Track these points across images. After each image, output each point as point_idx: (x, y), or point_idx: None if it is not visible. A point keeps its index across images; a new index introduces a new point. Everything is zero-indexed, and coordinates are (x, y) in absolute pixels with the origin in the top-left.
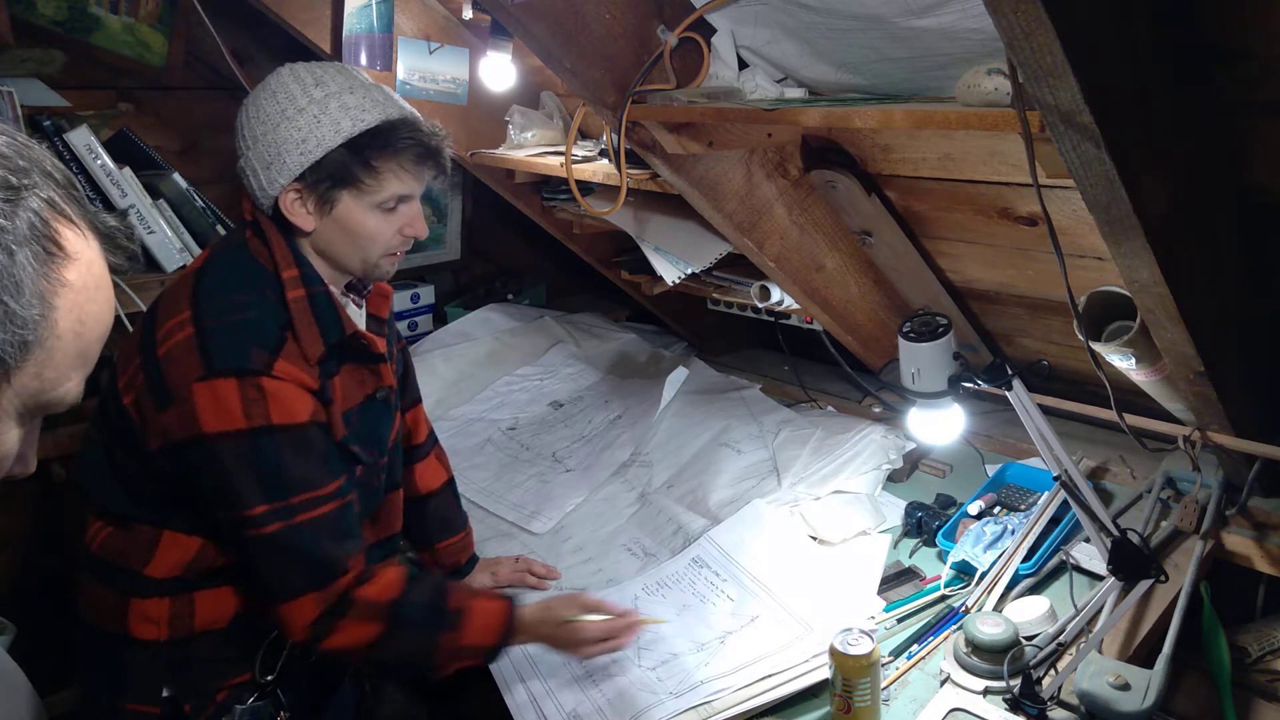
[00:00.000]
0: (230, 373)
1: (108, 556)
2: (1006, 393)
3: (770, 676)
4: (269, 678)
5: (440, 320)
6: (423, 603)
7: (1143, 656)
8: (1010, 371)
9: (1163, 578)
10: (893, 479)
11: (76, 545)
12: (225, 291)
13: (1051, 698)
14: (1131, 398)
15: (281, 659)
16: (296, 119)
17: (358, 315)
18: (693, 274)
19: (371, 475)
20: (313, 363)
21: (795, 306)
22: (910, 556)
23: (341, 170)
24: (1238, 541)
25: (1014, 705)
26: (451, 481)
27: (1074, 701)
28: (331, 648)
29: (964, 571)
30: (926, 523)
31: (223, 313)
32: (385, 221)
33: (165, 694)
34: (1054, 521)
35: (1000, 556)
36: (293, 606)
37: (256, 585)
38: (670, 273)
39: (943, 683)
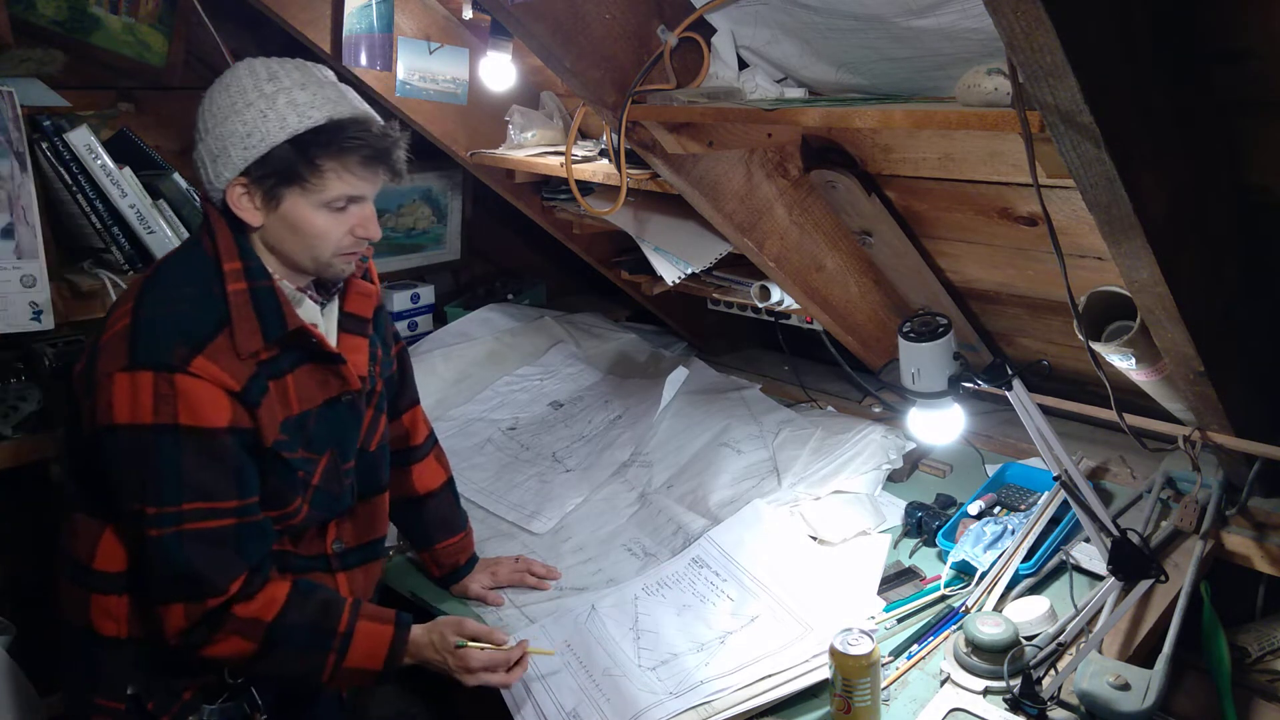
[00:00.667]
0: (148, 366)
1: (68, 549)
2: (1006, 393)
3: (770, 676)
4: (239, 680)
5: (440, 320)
6: (304, 623)
7: (1143, 656)
8: (1010, 371)
9: (1163, 578)
10: (893, 479)
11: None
12: (170, 284)
13: (1051, 698)
14: (1131, 398)
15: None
16: (244, 113)
17: (313, 312)
18: (693, 274)
19: (332, 481)
20: (245, 358)
21: (795, 306)
22: (910, 556)
23: (286, 167)
24: (1238, 541)
25: (1014, 705)
26: (451, 482)
27: (1074, 701)
28: (210, 657)
29: (964, 571)
30: (926, 523)
31: (160, 305)
32: (334, 221)
33: (130, 691)
34: (1054, 521)
35: (1000, 556)
36: (164, 611)
37: (144, 580)
38: (670, 273)
39: (943, 683)
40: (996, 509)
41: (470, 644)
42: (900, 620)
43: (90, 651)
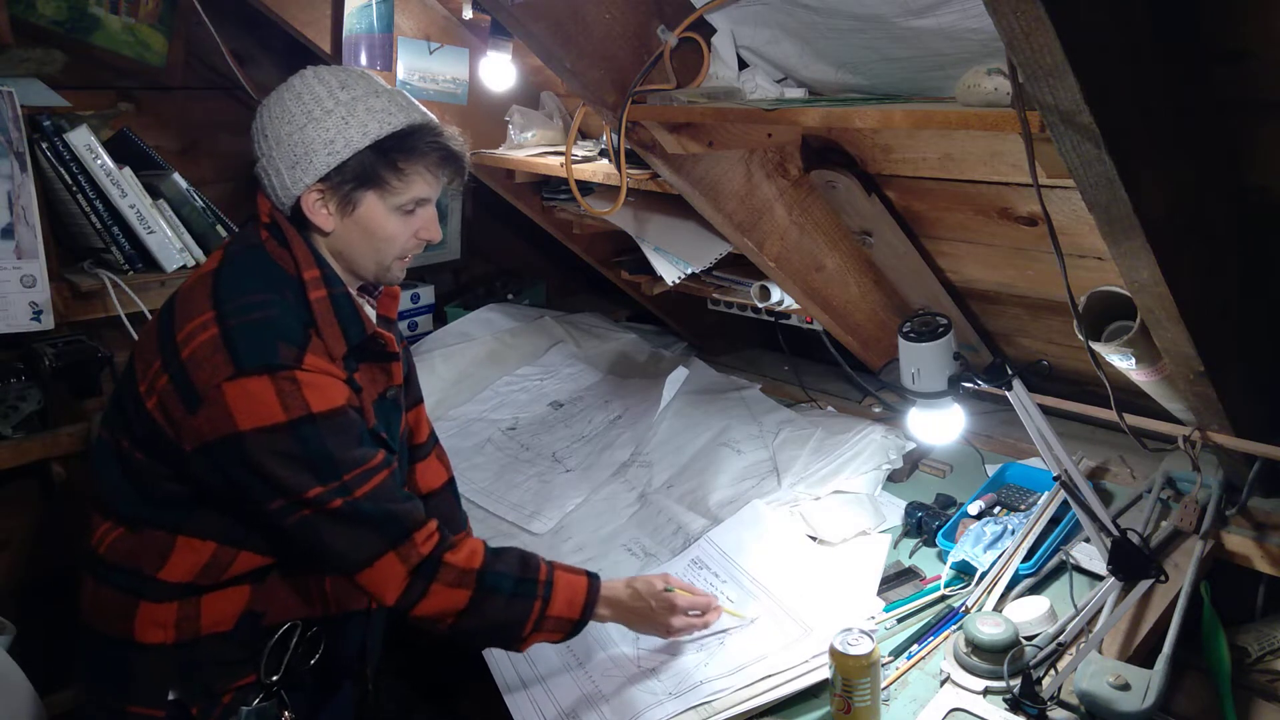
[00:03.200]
0: (260, 370)
1: (118, 560)
2: (1006, 393)
3: (770, 677)
4: (274, 678)
5: (440, 320)
6: (510, 571)
7: (1143, 656)
8: (1010, 371)
9: (1163, 578)
10: (893, 479)
11: (80, 547)
12: (245, 291)
13: (1051, 698)
14: (1131, 398)
15: (286, 659)
16: (324, 120)
17: (371, 315)
18: (693, 274)
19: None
20: (336, 360)
21: (795, 306)
22: (910, 556)
23: (367, 171)
24: (1238, 541)
25: (1014, 705)
26: (452, 481)
27: (1074, 701)
28: (422, 614)
29: (964, 571)
30: (926, 523)
31: (245, 311)
32: (403, 224)
33: (171, 697)
34: (1054, 521)
35: (1000, 556)
36: (375, 572)
37: (331, 564)
38: (670, 273)
39: (943, 683)
40: (996, 509)
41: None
42: (900, 620)
43: (124, 659)
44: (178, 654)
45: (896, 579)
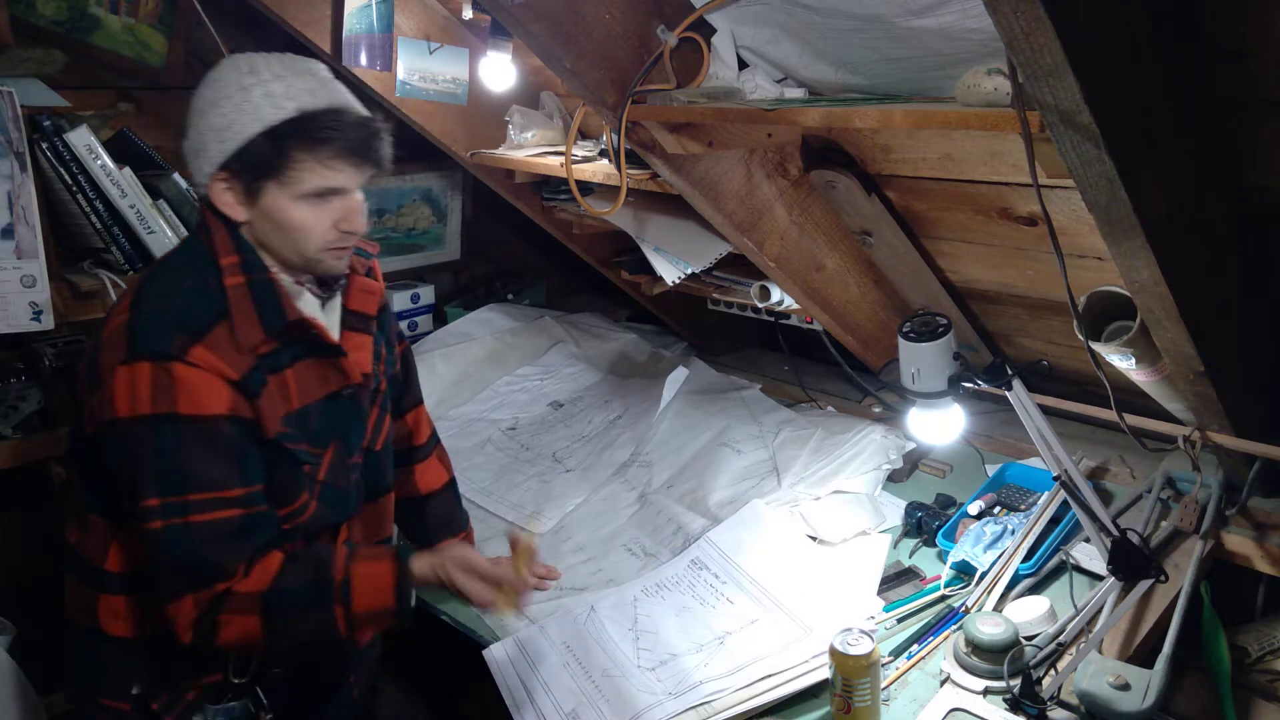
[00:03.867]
0: (147, 356)
1: (78, 549)
2: (1006, 393)
3: (770, 677)
4: (242, 679)
5: (440, 320)
6: (300, 583)
7: (1143, 656)
8: (1010, 371)
9: (1163, 578)
10: (893, 479)
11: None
12: (168, 279)
13: (1051, 698)
14: (1131, 398)
15: (254, 660)
16: (222, 105)
17: (313, 306)
18: (693, 274)
19: (339, 476)
20: (245, 351)
21: (795, 306)
22: (910, 556)
23: (261, 160)
24: (1238, 541)
25: (1014, 705)
26: (452, 482)
27: (1074, 701)
28: (224, 645)
29: (964, 571)
30: (926, 523)
31: (157, 298)
32: (315, 214)
33: (135, 691)
34: (1054, 521)
35: (1000, 556)
36: (174, 608)
37: (149, 581)
38: (670, 273)
39: (943, 683)
40: (996, 509)
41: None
42: (900, 620)
43: (96, 652)
44: (140, 648)
45: (896, 579)
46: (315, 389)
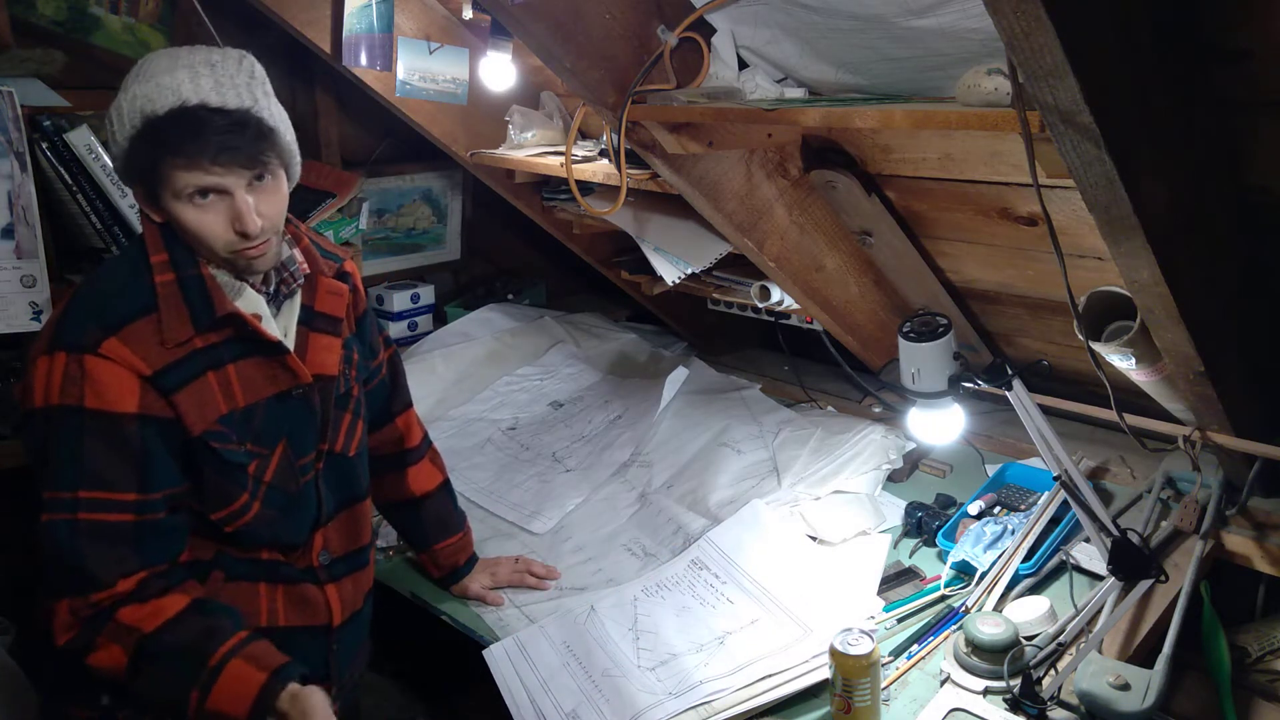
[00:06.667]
0: (64, 347)
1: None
2: (1006, 393)
3: (770, 677)
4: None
5: (440, 320)
6: (179, 646)
7: (1143, 656)
8: (1010, 371)
9: (1163, 578)
10: (893, 479)
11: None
12: (103, 275)
13: (1051, 698)
14: (1131, 398)
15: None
16: (109, 112)
17: (255, 302)
18: (693, 274)
19: (287, 478)
20: (172, 345)
21: (795, 306)
22: (910, 556)
23: (138, 165)
24: (1238, 541)
25: (1014, 705)
26: (447, 483)
27: (1074, 701)
28: (94, 666)
29: (964, 571)
30: (926, 523)
31: (88, 293)
32: (205, 215)
33: (104, 701)
34: (1054, 521)
35: (1000, 556)
36: (51, 608)
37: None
38: (670, 273)
39: (943, 683)
40: (996, 509)
41: None
42: (900, 620)
43: (65, 660)
44: None
45: (896, 579)
46: (262, 387)
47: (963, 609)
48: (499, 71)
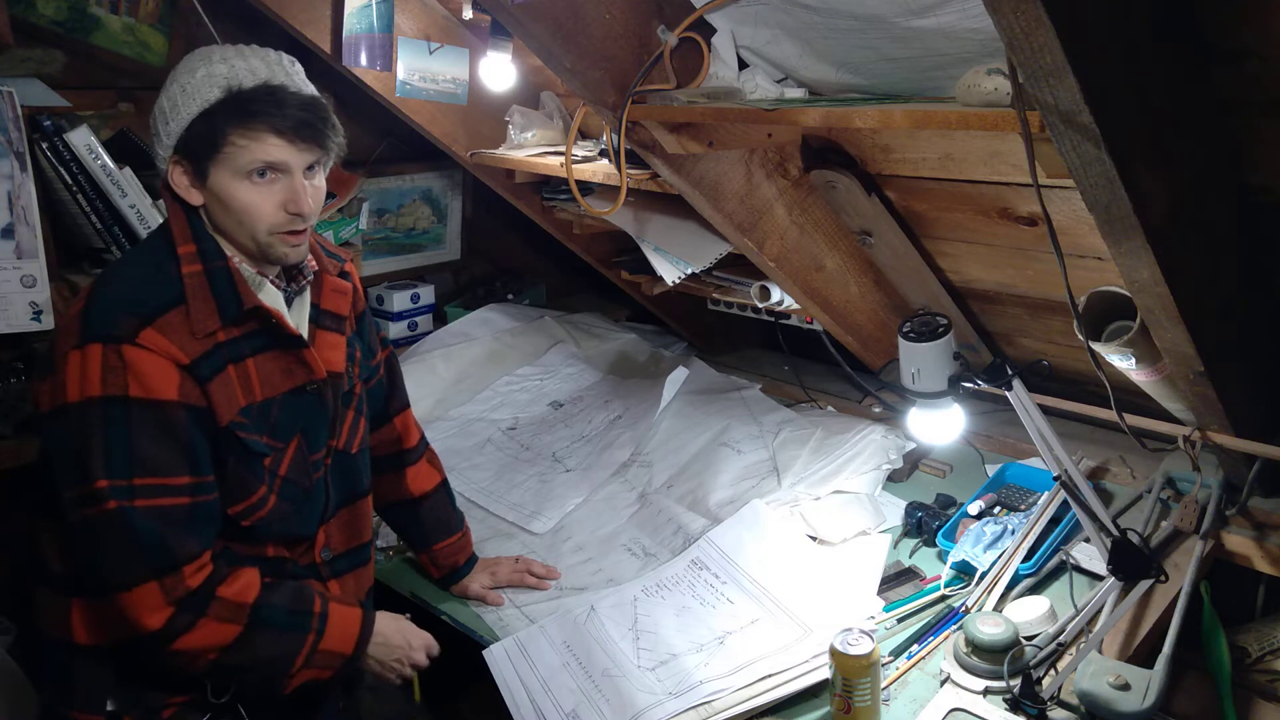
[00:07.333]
0: (98, 339)
1: (42, 553)
2: (1006, 393)
3: (770, 677)
4: (222, 699)
5: (440, 320)
6: (284, 605)
7: (1143, 656)
8: (1010, 371)
9: (1163, 578)
10: (893, 479)
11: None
12: (125, 265)
13: (1051, 698)
14: (1131, 398)
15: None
16: (171, 89)
17: (275, 297)
18: (693, 274)
19: (300, 473)
20: (201, 336)
21: (795, 306)
22: (910, 556)
23: (202, 139)
24: (1238, 541)
25: (1014, 705)
26: (445, 483)
27: (1074, 701)
28: (183, 649)
29: (964, 571)
30: (926, 523)
31: (114, 285)
32: (259, 194)
33: (110, 707)
34: (1054, 521)
35: (1000, 556)
36: (134, 597)
37: (92, 581)
38: (670, 273)
39: (943, 683)
40: (996, 509)
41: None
42: (900, 620)
43: (67, 662)
44: (114, 660)
45: (896, 579)
46: (279, 382)
47: (963, 609)
48: (499, 71)
